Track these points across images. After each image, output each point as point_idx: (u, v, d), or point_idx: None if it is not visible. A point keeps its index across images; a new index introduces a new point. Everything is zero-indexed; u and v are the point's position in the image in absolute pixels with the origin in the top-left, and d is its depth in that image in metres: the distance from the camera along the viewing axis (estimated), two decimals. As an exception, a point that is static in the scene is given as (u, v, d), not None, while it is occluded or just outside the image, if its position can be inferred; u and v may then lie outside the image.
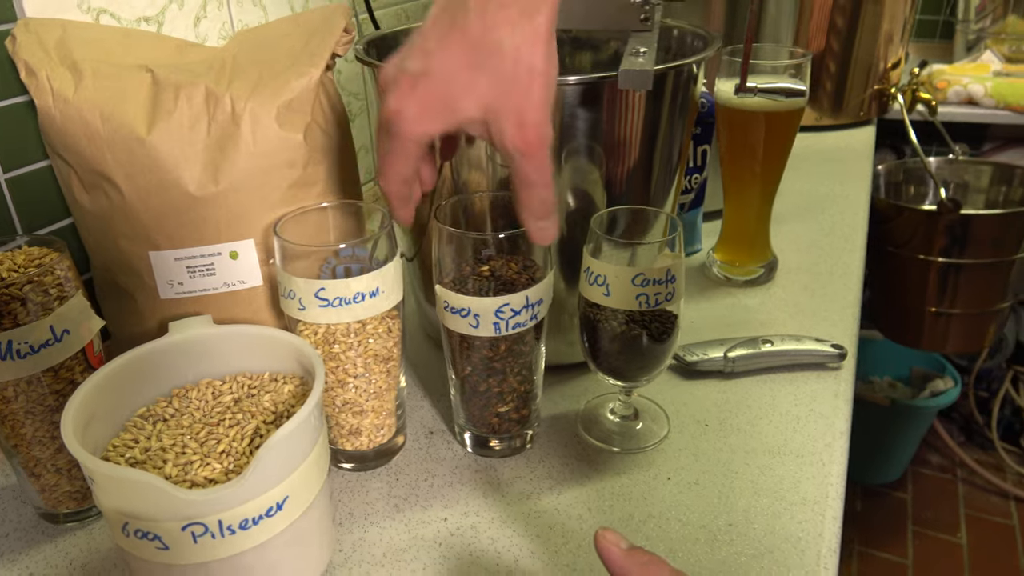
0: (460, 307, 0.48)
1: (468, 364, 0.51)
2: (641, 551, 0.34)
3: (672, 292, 0.50)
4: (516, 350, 0.51)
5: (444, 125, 0.39)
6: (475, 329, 0.48)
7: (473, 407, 0.54)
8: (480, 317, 0.47)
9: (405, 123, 0.39)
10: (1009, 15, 1.53)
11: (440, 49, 0.38)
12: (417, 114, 0.39)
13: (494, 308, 0.47)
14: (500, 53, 0.37)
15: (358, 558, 0.48)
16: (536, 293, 0.49)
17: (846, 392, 0.62)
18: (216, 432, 0.42)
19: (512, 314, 0.48)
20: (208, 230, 0.50)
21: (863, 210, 0.96)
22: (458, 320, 0.48)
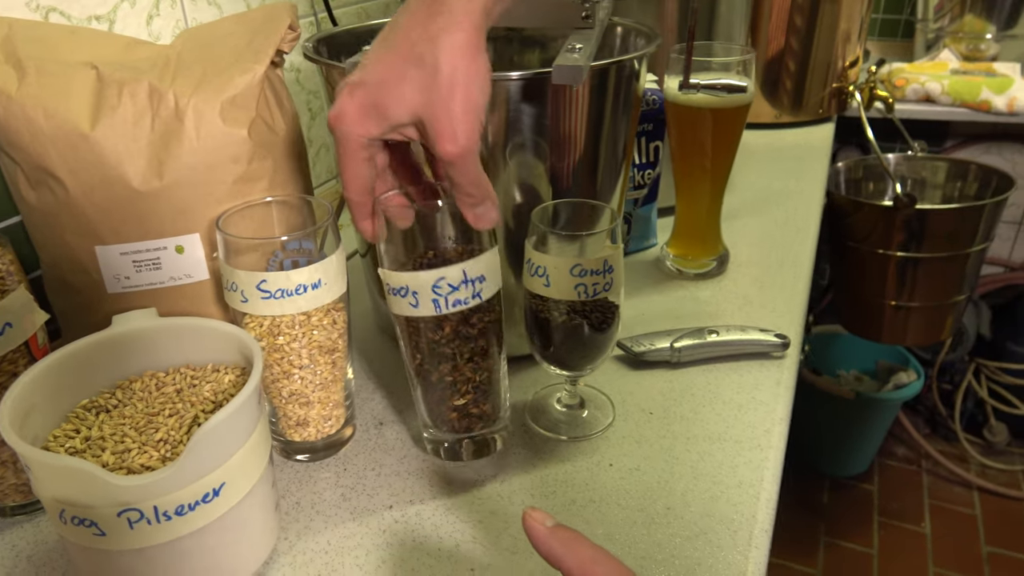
0: (399, 286, 0.47)
1: (418, 352, 0.51)
2: (565, 529, 0.36)
3: (610, 282, 0.51)
4: (463, 332, 0.50)
5: (379, 128, 0.43)
6: (415, 309, 0.48)
7: (431, 401, 0.53)
8: (419, 295, 0.47)
9: (344, 124, 0.43)
10: (966, 14, 1.57)
11: (374, 63, 0.43)
12: (353, 117, 0.42)
13: (430, 283, 0.47)
14: (422, 65, 0.41)
15: (303, 546, 0.49)
16: (475, 268, 0.48)
17: (788, 380, 0.64)
18: (156, 421, 0.43)
19: (450, 289, 0.47)
20: (153, 225, 0.51)
21: (817, 205, 0.98)
22: (399, 301, 0.48)
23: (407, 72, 0.41)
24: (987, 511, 1.80)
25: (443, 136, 0.41)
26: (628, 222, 0.83)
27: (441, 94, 0.40)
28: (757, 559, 0.47)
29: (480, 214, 0.45)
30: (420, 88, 0.41)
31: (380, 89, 0.42)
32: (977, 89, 1.41)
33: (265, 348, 0.50)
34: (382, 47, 0.43)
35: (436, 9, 0.41)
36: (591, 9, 0.56)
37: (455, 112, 0.41)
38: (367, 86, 0.42)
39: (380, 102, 0.42)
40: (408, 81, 0.41)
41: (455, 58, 0.40)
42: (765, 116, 1.30)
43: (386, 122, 0.42)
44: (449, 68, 0.40)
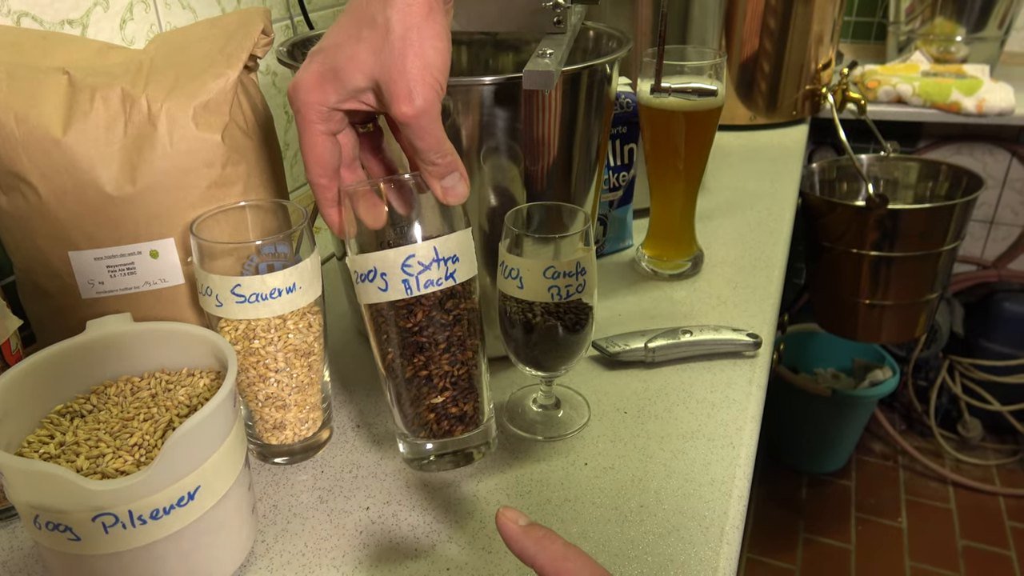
0: (366, 270, 0.45)
1: (389, 345, 0.48)
2: (537, 527, 0.36)
3: (583, 284, 0.52)
4: (437, 319, 0.47)
5: (337, 95, 0.42)
6: (384, 292, 0.45)
7: (405, 402, 0.49)
8: (388, 277, 0.45)
9: (300, 92, 0.42)
10: (937, 17, 1.59)
11: (333, 29, 0.43)
12: (310, 83, 0.42)
13: (399, 262, 0.44)
14: (374, 25, 0.40)
15: (280, 548, 0.49)
16: (446, 246, 0.45)
17: (760, 379, 0.65)
18: (130, 426, 0.43)
19: (421, 267, 0.44)
20: (127, 229, 0.51)
21: (790, 206, 1.00)
22: (368, 288, 0.45)
23: (360, 33, 0.41)
24: (962, 505, 1.83)
25: (398, 97, 0.40)
26: (603, 224, 0.84)
27: (394, 53, 0.40)
28: (728, 554, 0.48)
29: (448, 187, 0.44)
30: (373, 48, 0.40)
31: (335, 53, 0.41)
32: (947, 91, 1.43)
33: (240, 352, 0.50)
34: (343, 14, 0.43)
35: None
36: (563, 14, 0.57)
37: (409, 71, 0.40)
38: (324, 51, 0.42)
39: (336, 66, 0.41)
40: (362, 42, 0.40)
41: (408, 16, 0.40)
42: (740, 118, 1.32)
43: (343, 87, 0.42)
44: (401, 27, 0.40)
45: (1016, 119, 1.44)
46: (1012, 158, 1.84)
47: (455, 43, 0.72)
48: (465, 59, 0.72)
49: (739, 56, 1.28)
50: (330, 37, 0.42)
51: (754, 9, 1.24)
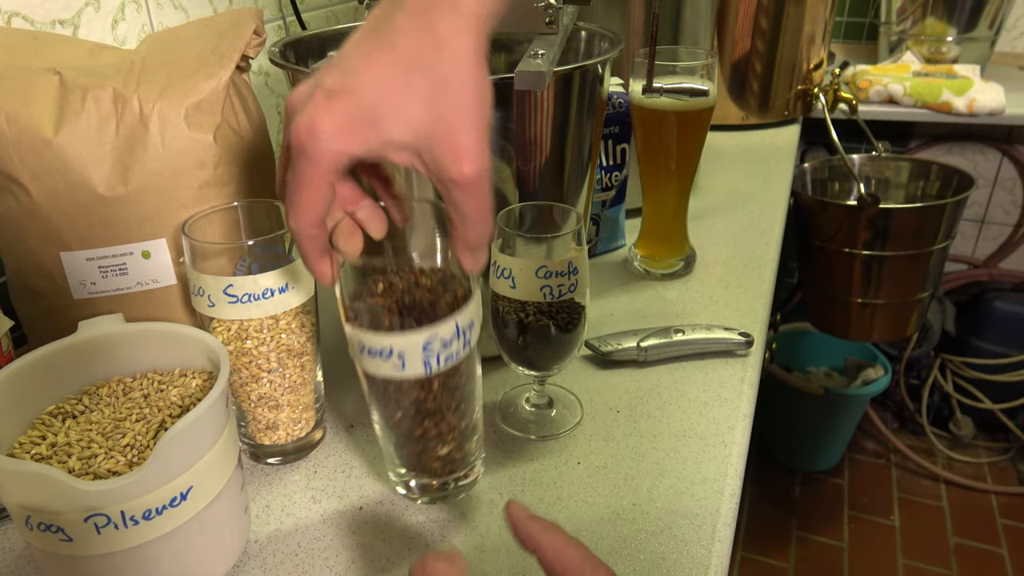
0: (379, 348, 0.40)
1: (398, 409, 0.45)
2: (542, 519, 0.37)
3: (575, 283, 0.52)
4: (451, 384, 0.44)
5: (366, 146, 0.35)
6: (402, 371, 0.41)
7: (409, 453, 0.49)
8: (406, 356, 0.40)
9: (320, 139, 0.34)
10: (928, 17, 1.60)
11: (366, 66, 0.35)
12: (334, 129, 0.35)
13: (420, 343, 0.39)
14: (433, 74, 0.35)
15: (272, 548, 0.49)
16: (467, 316, 0.42)
17: (752, 378, 0.65)
18: (122, 427, 0.43)
19: (442, 346, 0.40)
20: (119, 230, 0.51)
21: (782, 205, 1.00)
22: (379, 363, 0.41)
23: (411, 82, 0.35)
24: (954, 503, 1.84)
25: (458, 156, 0.35)
26: (596, 224, 0.85)
27: (454, 108, 0.35)
28: (720, 552, 0.48)
29: (477, 257, 0.40)
30: (427, 102, 0.35)
31: (376, 100, 0.35)
32: (938, 91, 1.44)
33: (233, 352, 0.50)
34: (372, 45, 0.36)
35: (448, 9, 0.35)
36: (555, 15, 0.57)
37: (472, 127, 0.35)
38: (354, 94, 0.35)
39: (375, 116, 0.35)
40: (412, 92, 0.35)
41: (467, 67, 0.35)
42: (732, 118, 1.32)
43: (378, 140, 0.35)
44: (459, 80, 0.35)
45: (1006, 119, 1.45)
46: (1003, 157, 1.85)
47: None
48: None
49: (731, 56, 1.29)
50: (363, 78, 0.35)
51: (746, 9, 1.25)
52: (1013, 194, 1.88)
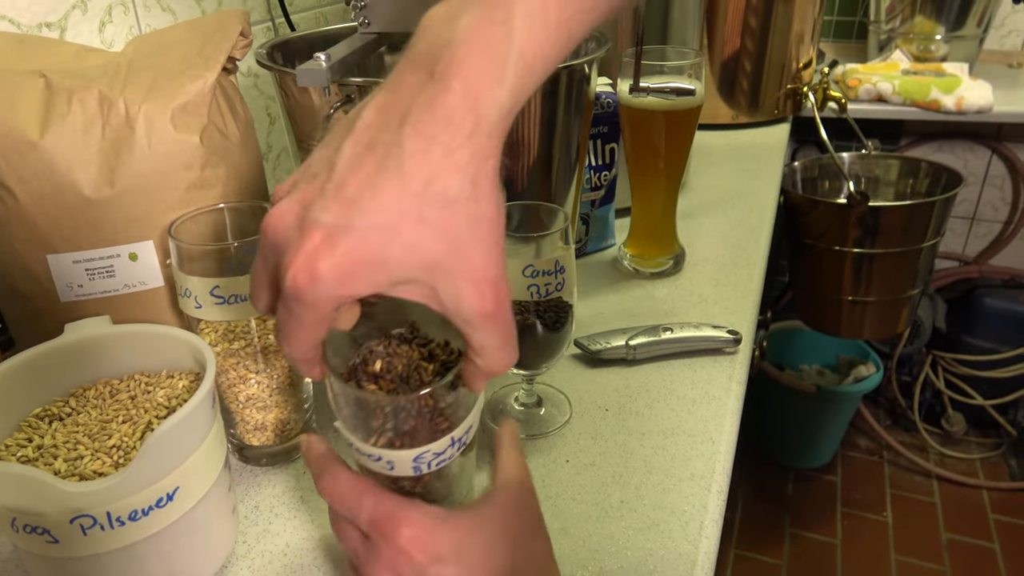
0: (369, 453, 0.39)
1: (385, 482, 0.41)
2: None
3: (562, 282, 0.53)
4: (442, 472, 0.41)
5: (372, 287, 0.31)
6: (390, 471, 0.39)
7: None
8: (395, 463, 0.38)
9: (321, 286, 0.30)
10: (916, 16, 1.61)
11: (370, 198, 0.30)
12: (339, 276, 0.30)
13: (411, 457, 0.38)
14: (450, 204, 0.30)
15: (261, 548, 0.49)
16: (463, 429, 0.39)
17: (740, 375, 0.65)
18: (109, 428, 0.43)
19: (435, 456, 0.38)
20: (106, 232, 0.51)
21: (771, 204, 1.00)
22: (368, 461, 0.39)
23: (424, 214, 0.30)
24: (946, 499, 1.85)
25: (479, 288, 0.31)
26: (586, 223, 0.85)
27: (475, 237, 0.31)
28: (707, 548, 0.48)
29: (488, 379, 0.37)
30: (445, 234, 0.30)
31: (384, 238, 0.30)
32: (927, 89, 1.45)
33: (220, 353, 0.50)
34: (375, 171, 0.30)
35: (457, 127, 0.30)
36: (540, 15, 0.57)
37: (491, 256, 0.31)
38: (360, 234, 0.30)
39: (384, 256, 0.30)
40: (428, 225, 0.30)
41: (485, 193, 0.31)
42: (722, 117, 1.33)
43: (384, 278, 0.31)
44: (480, 208, 0.31)
45: (995, 116, 1.45)
46: (992, 155, 1.86)
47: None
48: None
49: (721, 55, 1.29)
50: (368, 214, 0.30)
51: (735, 9, 1.25)
52: (1003, 191, 1.89)
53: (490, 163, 0.31)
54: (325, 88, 0.51)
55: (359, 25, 0.59)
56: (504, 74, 0.31)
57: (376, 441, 0.38)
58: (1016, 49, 1.77)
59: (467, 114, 0.30)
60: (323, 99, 0.53)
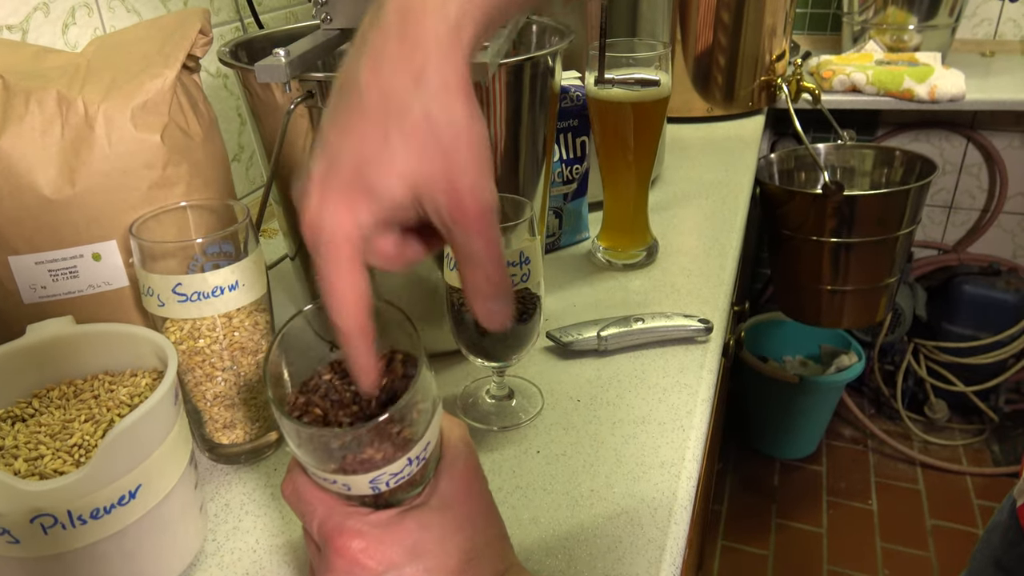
0: (325, 476, 0.37)
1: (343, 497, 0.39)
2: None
3: (528, 273, 0.53)
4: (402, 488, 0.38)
5: (371, 215, 0.32)
6: (347, 491, 0.37)
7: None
8: (351, 487, 0.37)
9: (326, 226, 0.32)
10: (889, 6, 1.62)
11: (342, 135, 0.32)
12: (335, 211, 0.32)
13: (368, 480, 0.36)
14: (409, 116, 0.31)
15: (231, 546, 0.49)
16: (421, 447, 0.37)
17: (711, 363, 0.66)
18: (71, 427, 0.43)
19: (392, 477, 0.37)
20: (67, 233, 0.50)
21: (745, 195, 1.01)
22: (325, 483, 0.37)
23: (389, 133, 0.32)
24: (930, 486, 1.86)
25: (461, 193, 0.32)
26: (559, 217, 0.85)
27: (444, 145, 0.32)
28: (676, 534, 0.49)
29: (493, 311, 0.36)
30: (413, 147, 0.32)
31: (360, 163, 0.32)
32: (900, 78, 1.46)
33: (186, 352, 0.50)
34: (341, 111, 0.33)
35: (409, 46, 0.32)
36: (502, 8, 0.57)
37: (463, 162, 0.32)
38: (340, 167, 0.32)
39: (365, 180, 0.32)
40: (395, 142, 0.32)
41: (451, 99, 0.32)
42: (698, 110, 1.33)
43: (378, 204, 0.32)
44: (446, 115, 0.32)
45: (968, 104, 1.47)
46: (968, 143, 1.88)
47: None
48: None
49: (694, 49, 1.30)
50: (340, 149, 0.32)
51: (707, 3, 1.26)
52: (979, 179, 1.91)
53: (448, 69, 0.32)
54: (285, 84, 0.51)
55: (321, 21, 0.59)
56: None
57: (330, 469, 0.36)
58: (988, 38, 1.79)
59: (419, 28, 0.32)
60: (284, 95, 0.53)
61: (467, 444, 0.40)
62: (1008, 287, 1.83)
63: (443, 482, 0.38)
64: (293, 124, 0.56)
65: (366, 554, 0.35)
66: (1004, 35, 1.78)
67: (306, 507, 0.37)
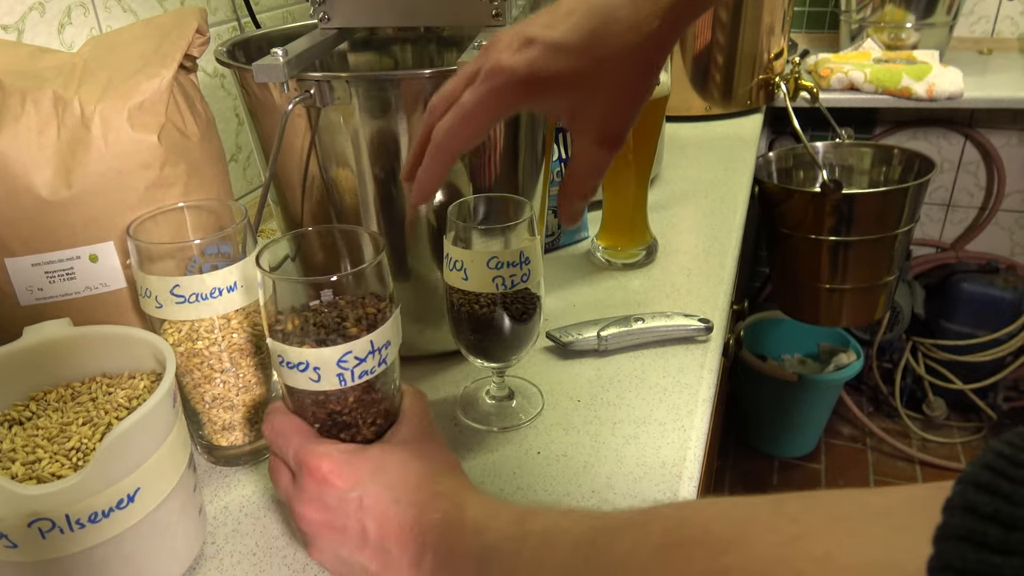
0: (297, 361, 0.42)
1: (316, 421, 0.46)
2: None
3: (528, 273, 0.53)
4: (367, 399, 0.46)
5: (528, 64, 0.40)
6: (317, 383, 0.43)
7: None
8: (321, 370, 0.42)
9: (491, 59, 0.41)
10: (887, 5, 1.62)
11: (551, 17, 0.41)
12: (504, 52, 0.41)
13: (335, 359, 0.42)
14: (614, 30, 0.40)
15: (230, 549, 0.49)
16: (382, 336, 0.43)
17: (711, 363, 0.65)
18: (68, 431, 0.42)
19: (357, 362, 0.43)
20: (64, 234, 0.50)
21: (744, 193, 1.01)
22: (296, 375, 0.43)
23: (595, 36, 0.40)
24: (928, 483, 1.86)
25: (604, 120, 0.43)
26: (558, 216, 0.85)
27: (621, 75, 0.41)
28: (678, 535, 0.48)
29: (578, 209, 0.48)
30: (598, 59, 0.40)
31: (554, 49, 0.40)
32: (897, 76, 1.46)
33: (184, 353, 0.49)
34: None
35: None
36: (501, 7, 0.57)
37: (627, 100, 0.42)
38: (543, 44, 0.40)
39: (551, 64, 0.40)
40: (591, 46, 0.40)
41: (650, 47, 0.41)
42: (696, 109, 1.33)
43: (548, 83, 0.41)
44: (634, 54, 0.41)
45: (966, 102, 1.47)
46: (966, 141, 1.88)
47: (400, 41, 0.73)
48: (411, 57, 0.72)
49: (693, 48, 1.30)
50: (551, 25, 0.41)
51: (706, 1, 1.25)
52: (977, 177, 1.91)
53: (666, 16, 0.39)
54: (283, 83, 0.50)
55: (319, 21, 0.59)
56: None
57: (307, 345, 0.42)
58: (986, 36, 1.79)
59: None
60: (283, 95, 0.53)
61: (420, 399, 0.48)
62: (1006, 285, 1.83)
63: (402, 428, 0.46)
64: (291, 124, 0.55)
65: (335, 474, 0.41)
66: (1002, 33, 1.78)
67: (283, 439, 0.44)
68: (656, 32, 0.40)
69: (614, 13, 0.39)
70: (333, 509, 0.41)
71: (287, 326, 0.43)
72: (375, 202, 0.58)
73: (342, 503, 0.41)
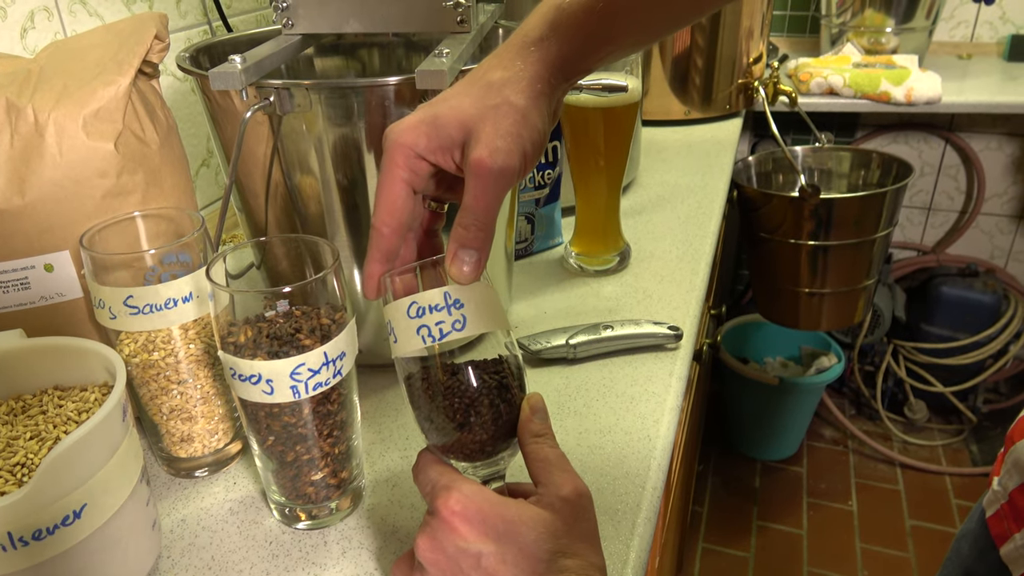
0: (249, 374, 0.42)
1: (270, 433, 0.45)
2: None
3: (462, 320, 0.39)
4: (322, 411, 0.45)
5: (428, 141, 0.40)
6: (270, 396, 0.42)
7: (284, 478, 0.48)
8: (274, 383, 0.41)
9: (395, 132, 0.40)
10: (867, 9, 1.63)
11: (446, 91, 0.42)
12: (407, 126, 0.40)
13: (288, 371, 0.41)
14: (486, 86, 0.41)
15: (186, 562, 0.48)
16: (336, 347, 0.43)
17: (680, 371, 0.65)
18: (15, 445, 0.41)
19: (311, 374, 0.42)
20: (18, 243, 0.49)
21: (720, 199, 1.01)
22: (249, 388, 0.42)
23: (470, 89, 0.41)
24: (909, 486, 1.87)
25: (481, 143, 0.38)
26: (531, 222, 0.84)
27: (495, 107, 0.39)
28: (639, 547, 0.48)
29: (464, 260, 0.38)
30: (476, 99, 0.40)
31: (440, 103, 0.41)
32: (876, 81, 1.46)
33: (140, 365, 0.49)
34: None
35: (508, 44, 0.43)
36: (465, 14, 0.57)
37: (503, 125, 0.39)
38: (431, 103, 0.41)
39: (436, 113, 0.40)
40: (468, 96, 0.40)
41: (519, 90, 0.40)
42: (675, 113, 1.33)
43: (436, 135, 0.39)
44: (511, 92, 0.40)
45: (944, 107, 1.47)
46: (946, 145, 1.89)
47: (368, 46, 0.72)
48: (378, 61, 0.72)
49: (672, 51, 1.29)
50: (440, 95, 0.42)
51: (685, 5, 1.25)
52: (957, 180, 1.92)
53: (530, 71, 0.41)
54: (241, 91, 0.50)
55: (282, 27, 0.58)
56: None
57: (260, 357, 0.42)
58: (966, 40, 1.80)
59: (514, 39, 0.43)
60: (243, 102, 0.52)
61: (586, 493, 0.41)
62: (986, 288, 1.84)
63: (563, 492, 0.40)
64: (253, 130, 0.55)
65: (461, 518, 0.37)
66: (981, 37, 1.79)
67: (423, 473, 0.41)
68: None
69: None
70: (449, 556, 0.37)
71: (239, 338, 0.43)
72: (340, 209, 0.57)
73: (460, 554, 0.37)
